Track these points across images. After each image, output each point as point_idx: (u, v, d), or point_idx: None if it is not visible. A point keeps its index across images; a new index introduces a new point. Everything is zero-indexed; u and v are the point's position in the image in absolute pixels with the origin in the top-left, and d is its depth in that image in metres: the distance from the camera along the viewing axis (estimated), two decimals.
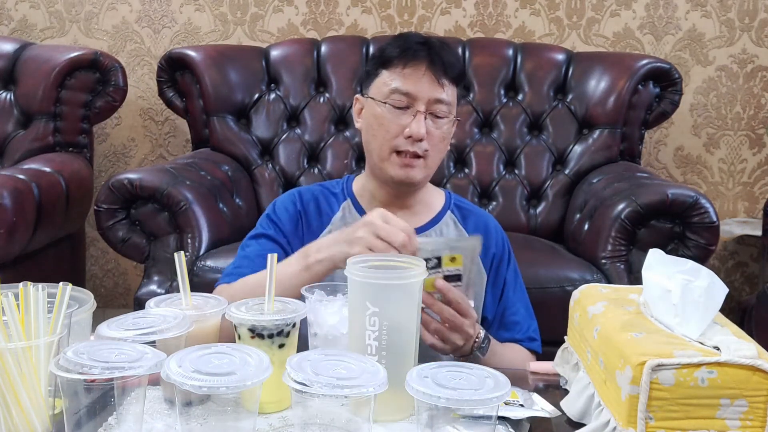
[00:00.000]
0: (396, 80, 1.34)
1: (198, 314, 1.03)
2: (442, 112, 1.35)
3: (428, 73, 1.33)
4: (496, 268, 1.44)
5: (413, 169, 1.35)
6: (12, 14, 2.95)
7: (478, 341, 1.25)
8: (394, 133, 1.34)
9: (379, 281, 0.97)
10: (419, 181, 1.38)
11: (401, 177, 1.36)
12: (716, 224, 2.02)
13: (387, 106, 1.35)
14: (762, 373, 0.84)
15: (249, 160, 2.59)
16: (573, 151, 2.57)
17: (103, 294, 3.02)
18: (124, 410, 0.85)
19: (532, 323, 1.46)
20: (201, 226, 2.12)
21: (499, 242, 1.46)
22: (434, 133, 1.35)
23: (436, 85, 1.33)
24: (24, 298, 0.85)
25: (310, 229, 1.43)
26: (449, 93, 1.36)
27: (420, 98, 1.33)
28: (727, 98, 2.89)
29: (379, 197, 1.43)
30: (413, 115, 1.33)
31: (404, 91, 1.33)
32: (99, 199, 2.11)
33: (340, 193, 1.47)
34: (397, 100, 1.34)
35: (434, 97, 1.34)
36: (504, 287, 1.44)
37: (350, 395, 0.81)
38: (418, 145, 1.33)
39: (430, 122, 1.34)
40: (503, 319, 1.43)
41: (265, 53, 2.69)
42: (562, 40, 2.88)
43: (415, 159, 1.34)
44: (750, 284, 2.96)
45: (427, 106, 1.34)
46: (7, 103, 2.56)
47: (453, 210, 1.48)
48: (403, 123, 1.33)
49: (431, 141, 1.34)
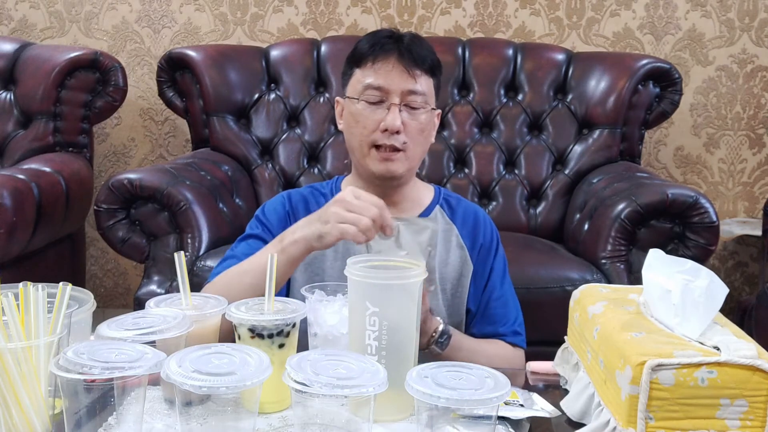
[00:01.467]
0: (368, 76, 1.35)
1: (198, 314, 1.03)
2: (417, 103, 1.35)
3: (398, 65, 1.33)
4: (483, 259, 1.44)
5: (393, 163, 1.35)
6: (12, 14, 2.95)
7: (434, 335, 1.25)
8: (371, 129, 1.34)
9: (379, 281, 0.97)
10: (401, 174, 1.37)
11: (382, 171, 1.36)
12: (716, 224, 2.02)
13: (362, 103, 1.35)
14: (762, 373, 0.84)
15: (249, 160, 2.59)
16: (573, 151, 2.57)
17: (103, 294, 3.02)
18: (124, 410, 0.85)
19: (517, 317, 1.44)
20: (201, 226, 2.12)
21: (488, 233, 1.46)
22: (411, 125, 1.34)
23: (407, 77, 1.33)
24: (24, 298, 0.85)
25: None
26: (423, 84, 1.35)
27: (392, 91, 1.33)
28: (727, 98, 2.89)
29: None
30: (387, 108, 1.33)
31: (376, 85, 1.34)
32: (99, 199, 2.11)
33: (328, 193, 1.47)
34: (371, 95, 1.34)
35: (407, 89, 1.33)
36: (489, 278, 1.43)
37: (350, 395, 0.81)
38: (396, 137, 1.33)
39: (405, 114, 1.34)
40: (487, 311, 1.42)
41: (265, 53, 2.69)
42: (562, 40, 2.88)
43: (394, 152, 1.34)
44: (750, 284, 2.96)
45: (401, 98, 1.34)
46: (7, 103, 2.56)
47: (442, 204, 1.47)
48: (378, 117, 1.34)
49: (409, 133, 1.34)
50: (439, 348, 1.26)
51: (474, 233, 1.44)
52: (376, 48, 1.35)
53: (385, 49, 1.34)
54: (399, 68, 1.33)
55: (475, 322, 1.42)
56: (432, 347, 1.26)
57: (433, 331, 1.25)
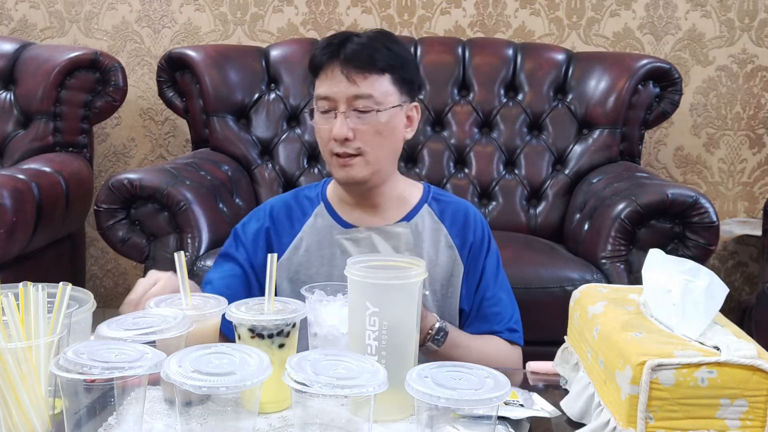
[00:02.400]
0: (319, 87, 1.35)
1: (198, 314, 1.03)
2: (366, 106, 1.32)
3: (338, 72, 1.32)
4: (475, 258, 1.42)
5: (352, 168, 1.34)
6: (12, 14, 2.95)
7: (431, 333, 1.25)
8: (326, 138, 1.34)
9: (379, 281, 0.97)
10: (363, 178, 1.35)
11: (344, 177, 1.36)
12: (716, 224, 2.02)
13: (317, 114, 1.36)
14: (762, 373, 0.84)
15: (249, 160, 2.59)
16: (573, 151, 2.57)
17: (103, 294, 3.02)
18: (124, 410, 0.85)
19: (514, 314, 1.43)
20: (201, 226, 2.12)
21: (478, 231, 1.43)
22: (362, 129, 1.32)
23: (349, 83, 1.31)
24: (24, 298, 0.85)
25: (281, 241, 1.43)
26: (369, 86, 1.32)
27: (338, 99, 1.32)
28: (727, 98, 2.89)
29: (346, 200, 1.43)
30: (335, 117, 1.33)
31: (323, 95, 1.34)
32: (99, 199, 2.11)
33: (315, 197, 1.46)
34: (322, 106, 1.35)
35: (351, 94, 1.31)
36: (482, 276, 1.42)
37: (350, 395, 0.81)
38: (347, 144, 1.32)
39: (355, 119, 1.32)
40: (481, 310, 1.40)
41: (265, 53, 2.69)
42: (562, 40, 2.88)
43: (350, 158, 1.33)
44: (750, 284, 2.96)
45: (348, 105, 1.32)
46: (7, 103, 2.56)
47: (430, 203, 1.44)
48: (329, 127, 1.33)
49: (361, 138, 1.32)
50: (436, 345, 1.26)
51: (464, 232, 1.42)
52: (322, 57, 1.35)
53: (328, 57, 1.34)
54: (339, 75, 1.32)
55: (470, 321, 1.41)
56: (428, 344, 1.25)
57: (429, 328, 1.25)
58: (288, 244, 1.42)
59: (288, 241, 1.43)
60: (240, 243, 1.43)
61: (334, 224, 1.42)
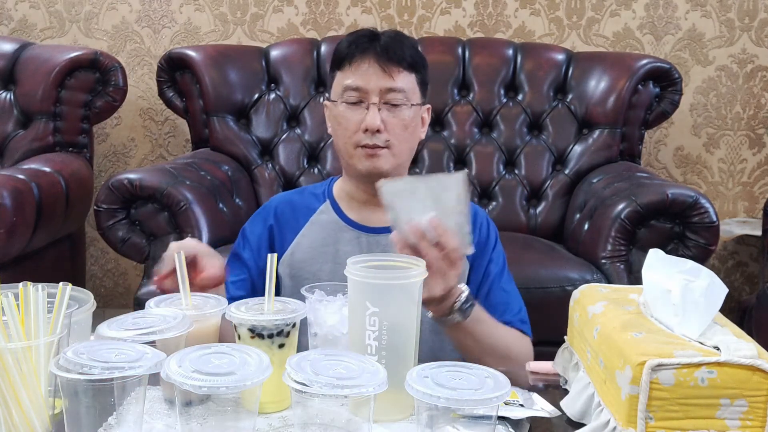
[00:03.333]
0: (347, 78, 1.35)
1: (198, 314, 1.03)
2: (398, 100, 1.34)
3: (375, 64, 1.33)
4: (479, 256, 1.41)
5: (379, 159, 1.34)
6: (12, 14, 2.95)
7: (459, 301, 1.19)
8: (353, 129, 1.34)
9: (379, 281, 0.97)
10: (387, 170, 1.36)
11: (368, 169, 1.35)
12: (716, 224, 2.02)
13: (342, 105, 1.35)
14: (762, 373, 0.84)
15: (249, 160, 2.59)
16: (573, 151, 2.57)
17: (103, 294, 3.02)
18: (124, 410, 0.85)
19: (521, 308, 1.42)
20: (201, 226, 2.12)
21: (483, 232, 1.44)
22: (392, 122, 1.34)
23: (384, 75, 1.33)
24: (24, 298, 0.85)
25: (284, 238, 1.43)
26: (403, 81, 1.34)
27: (370, 90, 1.33)
28: (727, 98, 2.89)
29: (356, 197, 1.43)
30: (367, 107, 1.33)
31: (354, 86, 1.34)
32: (99, 199, 2.11)
33: (321, 194, 1.47)
34: (350, 96, 1.34)
35: (385, 87, 1.33)
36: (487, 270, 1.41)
37: (350, 395, 0.81)
38: (377, 136, 1.33)
39: (386, 112, 1.33)
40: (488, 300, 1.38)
41: (265, 53, 2.69)
42: (562, 40, 2.88)
43: (378, 149, 1.34)
44: (750, 284, 2.96)
45: (380, 97, 1.33)
46: (7, 103, 2.56)
47: None
48: (359, 118, 1.34)
49: (391, 130, 1.34)
50: (461, 315, 1.20)
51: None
52: (353, 48, 1.35)
53: (361, 49, 1.34)
54: (376, 67, 1.33)
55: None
56: (454, 314, 1.20)
57: (457, 296, 1.18)
58: (291, 240, 1.42)
59: (291, 237, 1.43)
60: (247, 243, 1.44)
61: (339, 221, 1.42)
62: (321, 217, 1.43)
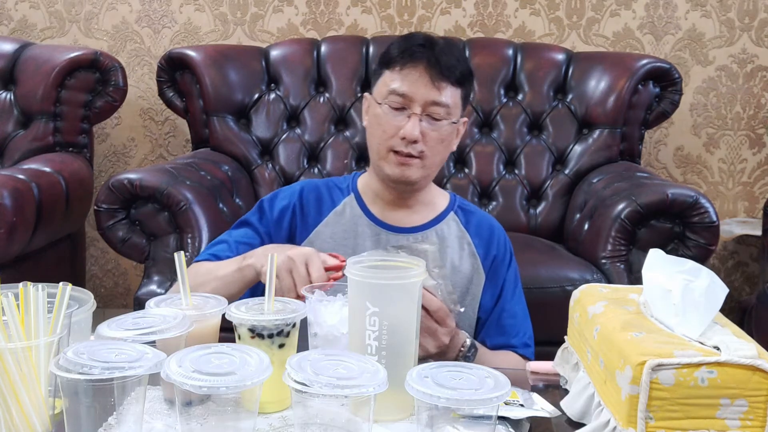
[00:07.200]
0: (395, 81, 1.35)
1: (198, 314, 1.03)
2: (439, 115, 1.35)
3: (425, 75, 1.33)
4: (496, 270, 1.45)
5: (409, 168, 1.36)
6: (12, 14, 2.95)
7: (463, 350, 1.27)
8: (390, 134, 1.35)
9: (379, 281, 0.97)
10: (416, 180, 1.38)
11: (397, 175, 1.37)
12: (716, 224, 2.02)
13: (385, 107, 1.36)
14: (762, 373, 0.84)
15: (249, 160, 2.59)
16: (573, 151, 2.57)
17: (103, 294, 3.02)
18: (124, 410, 0.85)
19: (528, 329, 1.46)
20: (201, 226, 2.12)
21: (501, 244, 1.47)
22: (430, 135, 1.35)
23: (432, 88, 1.33)
24: (24, 298, 0.85)
25: (306, 223, 1.44)
26: (448, 95, 1.35)
27: (416, 100, 1.33)
28: (727, 98, 2.89)
29: (381, 195, 1.45)
30: (408, 116, 1.34)
31: (400, 92, 1.34)
32: (99, 199, 2.11)
33: (345, 188, 1.48)
34: (394, 101, 1.35)
35: (430, 100, 1.34)
36: (502, 290, 1.45)
37: (350, 395, 0.81)
38: (413, 146, 1.34)
39: (426, 124, 1.34)
40: (499, 323, 1.43)
41: (265, 53, 2.69)
42: (562, 40, 2.88)
43: (410, 158, 1.35)
44: (750, 284, 2.96)
45: (423, 108, 1.34)
46: (7, 103, 2.56)
47: (456, 211, 1.48)
48: (398, 124, 1.34)
49: (427, 143, 1.35)
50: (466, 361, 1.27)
51: (488, 244, 1.46)
52: (406, 54, 1.35)
53: (414, 57, 1.34)
54: (426, 78, 1.33)
55: (487, 333, 1.43)
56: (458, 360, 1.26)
57: (462, 346, 1.27)
58: (312, 228, 1.44)
59: (312, 225, 1.44)
60: (264, 216, 1.44)
61: (362, 216, 1.44)
62: (345, 210, 1.45)
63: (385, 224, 1.43)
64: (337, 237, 1.42)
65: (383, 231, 1.42)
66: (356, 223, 1.43)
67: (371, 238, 1.42)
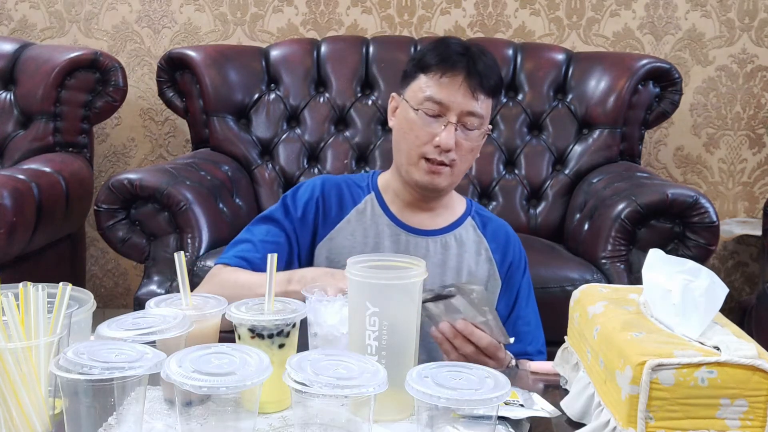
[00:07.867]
0: (432, 88, 1.35)
1: (198, 314, 1.03)
2: (473, 125, 1.36)
3: (464, 85, 1.34)
4: (511, 276, 1.47)
5: (439, 176, 1.37)
6: (12, 14, 2.95)
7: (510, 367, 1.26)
8: (424, 140, 1.35)
9: (379, 281, 0.97)
10: (444, 188, 1.40)
11: (426, 182, 1.37)
12: (716, 224, 2.02)
13: (420, 113, 1.35)
14: (762, 373, 0.84)
15: (249, 160, 2.59)
16: (573, 151, 2.57)
17: (103, 294, 3.02)
18: (124, 410, 0.85)
19: (541, 336, 1.47)
20: (201, 226, 2.12)
21: (516, 252, 1.49)
22: (463, 144, 1.36)
23: (469, 98, 1.34)
24: (24, 298, 0.85)
25: (327, 218, 1.44)
26: (483, 105, 1.36)
27: (453, 109, 1.34)
28: (727, 98, 2.89)
29: (402, 196, 1.45)
30: (444, 125, 1.34)
31: (438, 100, 1.34)
32: (99, 199, 2.11)
33: (365, 186, 1.48)
34: (430, 108, 1.35)
35: (467, 110, 1.34)
36: (517, 297, 1.46)
37: (350, 395, 0.81)
38: (446, 155, 1.34)
39: (460, 133, 1.35)
40: (515, 329, 1.44)
41: (265, 53, 2.69)
42: (562, 40, 2.88)
43: (441, 167, 1.36)
44: (750, 284, 2.96)
45: (459, 118, 1.34)
46: (7, 103, 2.56)
47: (474, 216, 1.49)
48: (433, 131, 1.34)
49: (459, 152, 1.35)
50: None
51: (504, 250, 1.47)
52: (446, 63, 1.35)
53: (455, 66, 1.34)
54: (464, 88, 1.34)
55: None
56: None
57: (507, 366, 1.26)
58: (334, 224, 1.44)
59: (335, 221, 1.44)
60: (289, 212, 1.43)
61: (383, 215, 1.44)
62: (366, 208, 1.45)
63: (406, 226, 1.44)
64: (357, 235, 1.43)
65: (403, 232, 1.43)
66: (377, 223, 1.43)
67: (390, 238, 1.42)
